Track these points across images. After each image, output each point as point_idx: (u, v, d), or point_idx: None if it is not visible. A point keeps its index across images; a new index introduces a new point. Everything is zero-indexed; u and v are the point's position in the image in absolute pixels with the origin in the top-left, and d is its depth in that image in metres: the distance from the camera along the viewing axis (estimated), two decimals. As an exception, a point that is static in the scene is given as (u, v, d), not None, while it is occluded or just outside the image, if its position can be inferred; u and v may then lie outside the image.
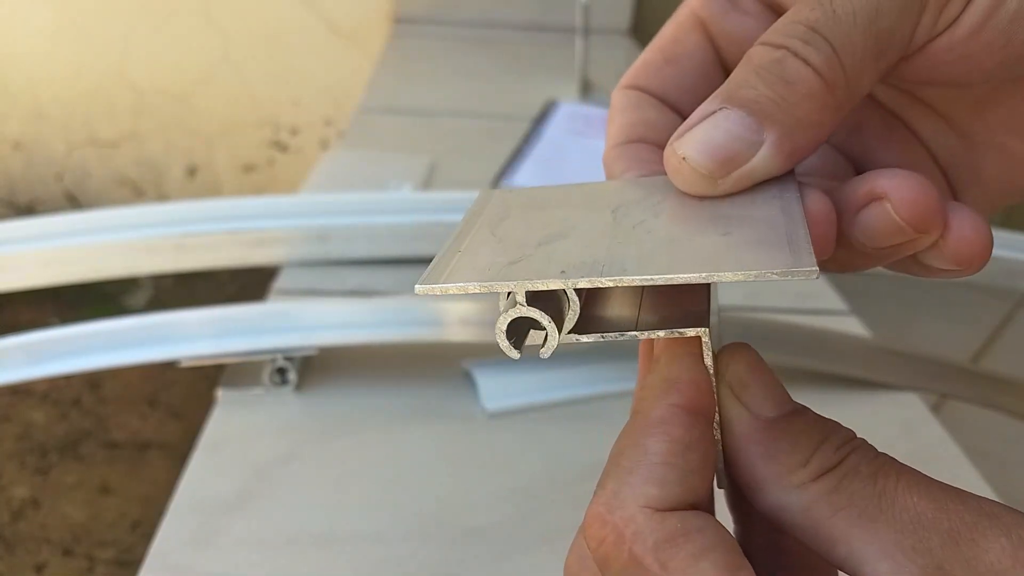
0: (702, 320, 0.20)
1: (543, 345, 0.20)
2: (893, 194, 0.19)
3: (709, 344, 0.20)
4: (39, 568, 1.21)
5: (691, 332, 0.20)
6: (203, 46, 1.66)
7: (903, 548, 0.17)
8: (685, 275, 0.18)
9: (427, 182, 0.87)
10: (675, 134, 0.21)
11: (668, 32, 0.25)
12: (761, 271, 0.17)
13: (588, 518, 0.19)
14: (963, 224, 0.20)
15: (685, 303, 0.21)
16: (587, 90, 1.11)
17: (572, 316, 0.19)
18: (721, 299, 0.69)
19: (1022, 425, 0.70)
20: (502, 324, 0.19)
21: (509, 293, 0.19)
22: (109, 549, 1.24)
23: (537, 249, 0.20)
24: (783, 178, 0.21)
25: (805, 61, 0.20)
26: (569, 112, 1.04)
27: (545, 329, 0.19)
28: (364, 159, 0.94)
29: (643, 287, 0.22)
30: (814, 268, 0.17)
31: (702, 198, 0.21)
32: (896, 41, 0.20)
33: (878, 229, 0.20)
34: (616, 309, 0.21)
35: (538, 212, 0.22)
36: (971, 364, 0.73)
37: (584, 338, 0.20)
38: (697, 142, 0.20)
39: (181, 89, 1.70)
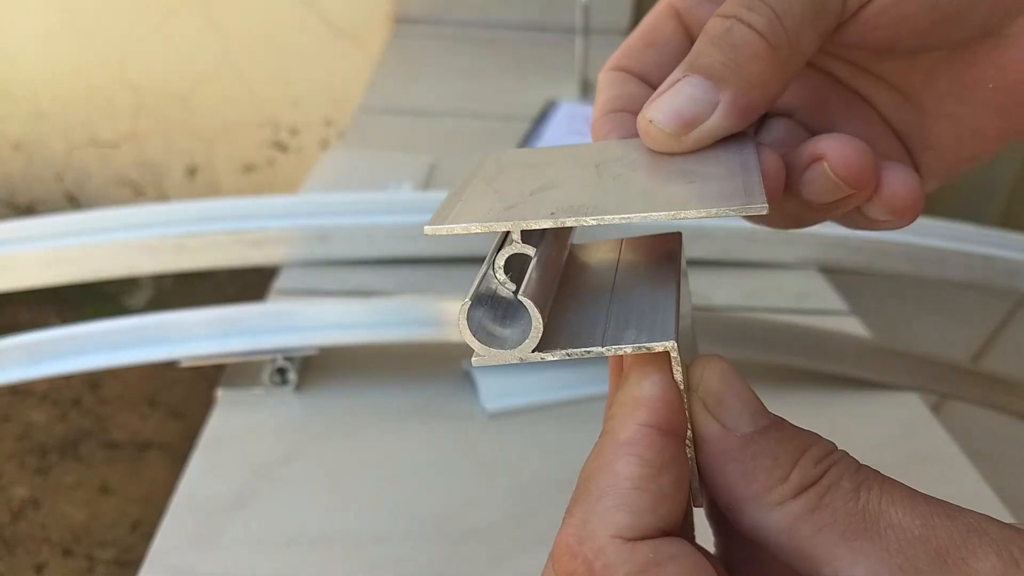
0: (669, 333, 0.19)
1: (530, 332, 0.20)
2: (830, 155, 0.22)
3: (678, 359, 0.19)
4: (39, 568, 1.21)
5: (659, 347, 0.19)
6: (203, 46, 1.66)
7: (889, 567, 0.17)
8: (657, 214, 0.20)
9: (427, 182, 0.87)
10: (647, 102, 0.23)
11: (647, 21, 0.28)
12: (720, 208, 0.19)
13: (557, 549, 0.18)
14: (894, 180, 0.23)
15: (650, 312, 0.21)
16: (587, 90, 1.11)
17: (536, 334, 0.19)
18: (720, 298, 0.69)
19: (1022, 425, 0.70)
20: (500, 260, 0.21)
21: (499, 249, 0.21)
22: (109, 549, 1.24)
23: (530, 197, 0.22)
24: (744, 141, 0.23)
25: (750, 26, 0.22)
26: (569, 112, 1.04)
27: (531, 258, 0.21)
28: (364, 159, 0.94)
29: (613, 290, 0.23)
30: (764, 204, 0.19)
31: (672, 155, 0.23)
32: (830, 4, 0.22)
33: (819, 186, 0.23)
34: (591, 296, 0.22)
35: (530, 169, 0.24)
36: (971, 364, 0.73)
37: (548, 355, 0.20)
38: (662, 106, 0.23)
39: (181, 89, 1.70)
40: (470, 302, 0.20)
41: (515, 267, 0.21)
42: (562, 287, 0.23)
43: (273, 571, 0.45)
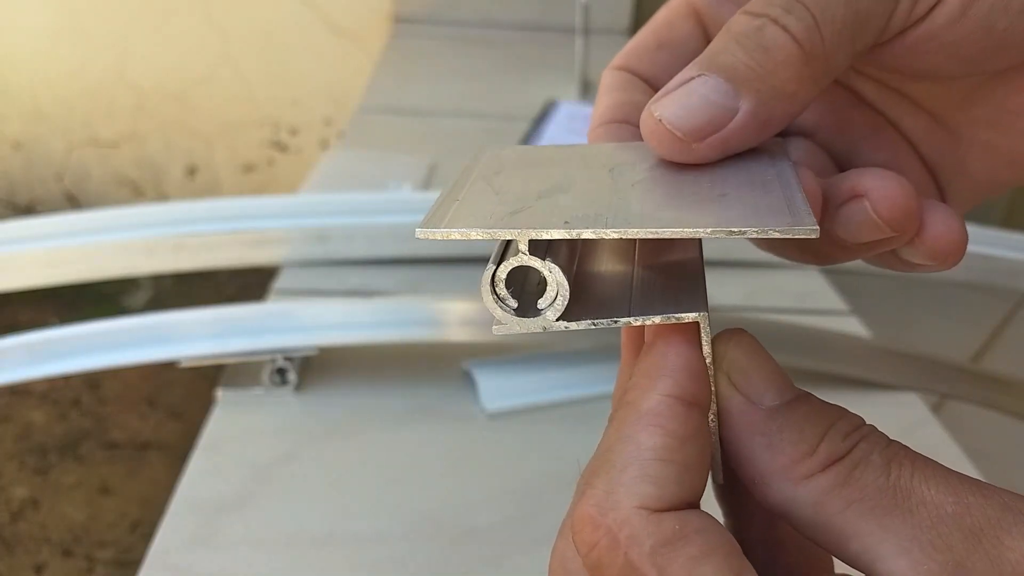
0: (700, 304, 0.19)
1: (554, 301, 0.19)
2: (873, 193, 0.20)
3: (708, 329, 0.19)
4: (39, 568, 1.21)
5: (689, 317, 0.19)
6: (203, 46, 1.66)
7: (921, 544, 0.16)
8: (690, 229, 0.18)
9: (427, 182, 0.87)
10: (653, 98, 0.21)
11: (662, 17, 0.26)
12: (763, 228, 0.17)
13: (578, 520, 0.17)
14: (938, 222, 0.20)
15: (677, 285, 0.20)
16: (587, 90, 1.11)
17: (561, 302, 0.19)
18: (720, 298, 0.69)
19: (1022, 425, 0.70)
20: (502, 273, 0.19)
21: (502, 256, 0.19)
22: (109, 549, 1.24)
23: (538, 201, 0.20)
24: (775, 152, 0.21)
25: (784, 28, 0.20)
26: (569, 112, 1.04)
27: (548, 278, 0.18)
28: (364, 159, 0.93)
29: (635, 266, 0.21)
30: (815, 227, 0.17)
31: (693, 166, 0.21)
32: (873, 22, 0.20)
33: (857, 225, 0.20)
34: (604, 291, 0.21)
35: (534, 168, 0.22)
36: (971, 364, 0.73)
37: (573, 325, 0.19)
38: (673, 105, 0.20)
39: (181, 89, 1.70)
40: (494, 267, 0.18)
41: (517, 280, 0.19)
42: (582, 263, 0.22)
43: (273, 571, 0.45)
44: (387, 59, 1.32)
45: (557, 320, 0.19)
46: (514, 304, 0.19)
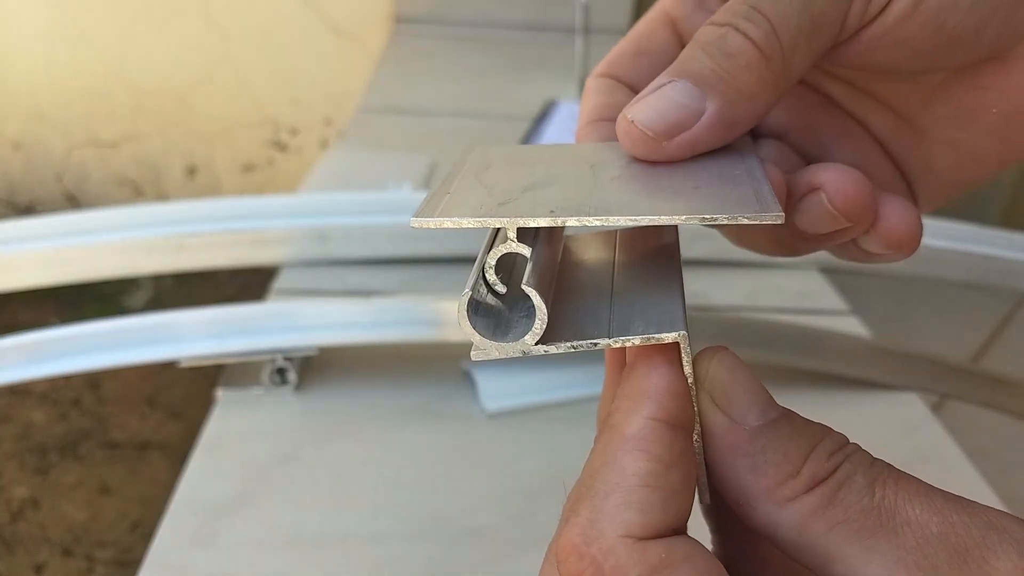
0: (678, 323, 0.19)
1: (532, 324, 0.19)
2: (828, 186, 0.22)
3: (688, 349, 0.19)
4: (39, 568, 1.21)
5: (669, 337, 0.19)
6: (203, 46, 1.66)
7: (907, 565, 0.16)
8: (666, 217, 0.19)
9: (427, 182, 0.87)
10: (629, 103, 0.22)
11: (641, 27, 0.27)
12: (733, 215, 0.19)
13: (562, 550, 0.17)
14: (892, 213, 0.22)
15: (656, 303, 0.21)
16: (587, 90, 1.11)
17: (540, 325, 0.19)
18: (721, 298, 0.69)
19: (1022, 425, 0.70)
20: (491, 260, 0.20)
21: (491, 245, 0.20)
22: (109, 549, 1.24)
23: (524, 194, 0.21)
24: (744, 151, 0.22)
25: (745, 35, 0.21)
26: (569, 112, 1.04)
27: (527, 259, 0.19)
28: (364, 159, 0.94)
29: (614, 282, 0.22)
30: (780, 213, 0.18)
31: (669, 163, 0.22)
32: (828, 24, 0.22)
33: (816, 216, 0.22)
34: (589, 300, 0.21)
35: (519, 165, 0.23)
36: (971, 364, 0.73)
37: (552, 348, 0.19)
38: (645, 107, 0.22)
39: (181, 89, 1.70)
40: (470, 292, 0.19)
41: (506, 268, 0.20)
42: (560, 281, 0.22)
43: (273, 571, 0.45)
44: (387, 59, 1.33)
45: (536, 344, 0.19)
46: (502, 290, 0.20)
